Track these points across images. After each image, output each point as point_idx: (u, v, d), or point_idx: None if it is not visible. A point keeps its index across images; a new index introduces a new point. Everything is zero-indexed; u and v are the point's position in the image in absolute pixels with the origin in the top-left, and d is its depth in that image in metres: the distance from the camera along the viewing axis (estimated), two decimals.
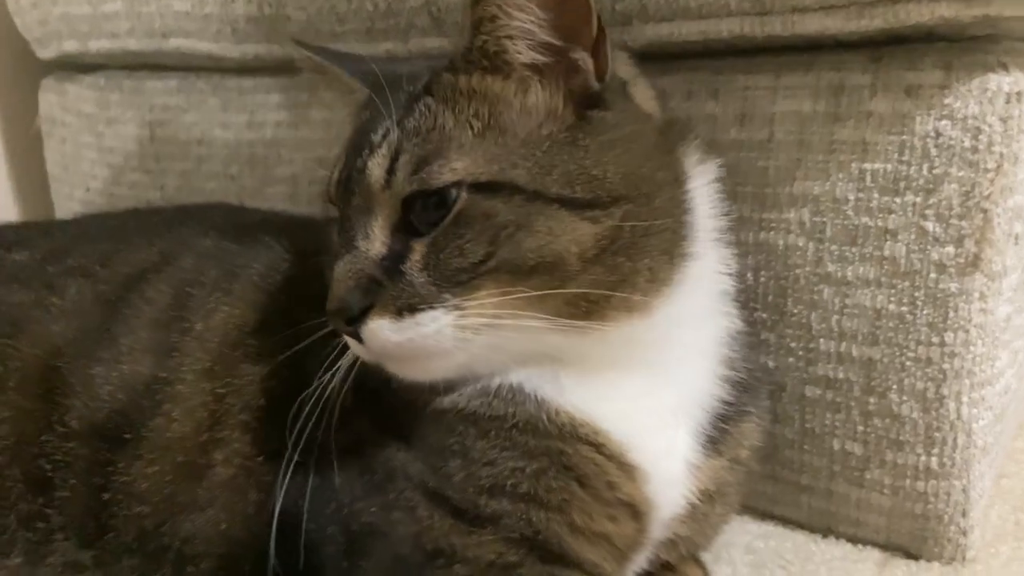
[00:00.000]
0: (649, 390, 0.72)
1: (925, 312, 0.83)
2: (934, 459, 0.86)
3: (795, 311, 0.90)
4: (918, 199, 0.82)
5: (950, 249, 0.81)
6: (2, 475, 0.79)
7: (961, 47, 0.80)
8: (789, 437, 0.93)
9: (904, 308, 0.84)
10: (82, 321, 0.86)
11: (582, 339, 0.67)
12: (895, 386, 0.86)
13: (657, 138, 0.72)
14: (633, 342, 0.70)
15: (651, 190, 0.68)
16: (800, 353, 0.90)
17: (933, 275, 0.82)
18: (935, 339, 0.83)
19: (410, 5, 1.01)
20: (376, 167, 0.66)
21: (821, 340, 0.89)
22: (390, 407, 0.73)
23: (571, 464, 0.69)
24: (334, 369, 0.71)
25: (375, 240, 0.66)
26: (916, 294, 0.83)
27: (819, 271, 0.88)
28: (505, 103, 0.67)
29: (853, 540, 0.94)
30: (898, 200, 0.83)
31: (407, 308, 0.64)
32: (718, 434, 0.76)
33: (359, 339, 0.65)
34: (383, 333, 0.64)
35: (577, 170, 0.65)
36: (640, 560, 0.77)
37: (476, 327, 0.65)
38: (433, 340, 0.65)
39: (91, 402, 0.81)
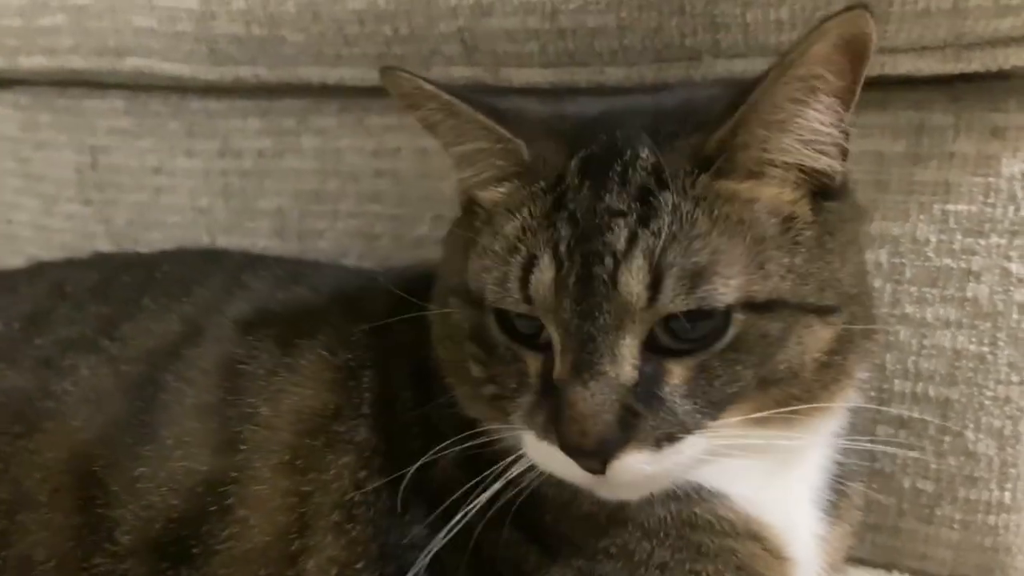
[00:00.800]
0: (796, 475, 0.69)
1: (1006, 352, 0.83)
2: (1007, 494, 0.87)
3: None
4: (1003, 241, 0.82)
5: None
6: None
7: None
8: None
9: (985, 348, 0.84)
10: (107, 411, 0.74)
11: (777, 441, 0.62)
12: (971, 424, 0.86)
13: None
14: (812, 438, 0.66)
15: (865, 283, 0.65)
16: (872, 394, 0.89)
17: (1016, 316, 0.82)
18: (1015, 378, 0.84)
19: (439, 31, 0.92)
20: (634, 282, 0.55)
21: (896, 381, 0.88)
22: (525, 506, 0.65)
23: (742, 564, 0.64)
24: (476, 496, 0.62)
25: (624, 362, 0.56)
26: (998, 335, 0.83)
27: (896, 312, 0.86)
28: (757, 204, 0.59)
29: (917, 574, 0.94)
30: (982, 242, 0.82)
31: (667, 438, 0.56)
32: (836, 498, 0.73)
33: (599, 472, 0.56)
34: (637, 467, 0.56)
35: (828, 276, 0.60)
36: None
37: (723, 448, 0.58)
38: (684, 467, 0.58)
39: (142, 512, 0.70)
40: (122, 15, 1.05)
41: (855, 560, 0.96)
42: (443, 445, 0.63)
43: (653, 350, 0.57)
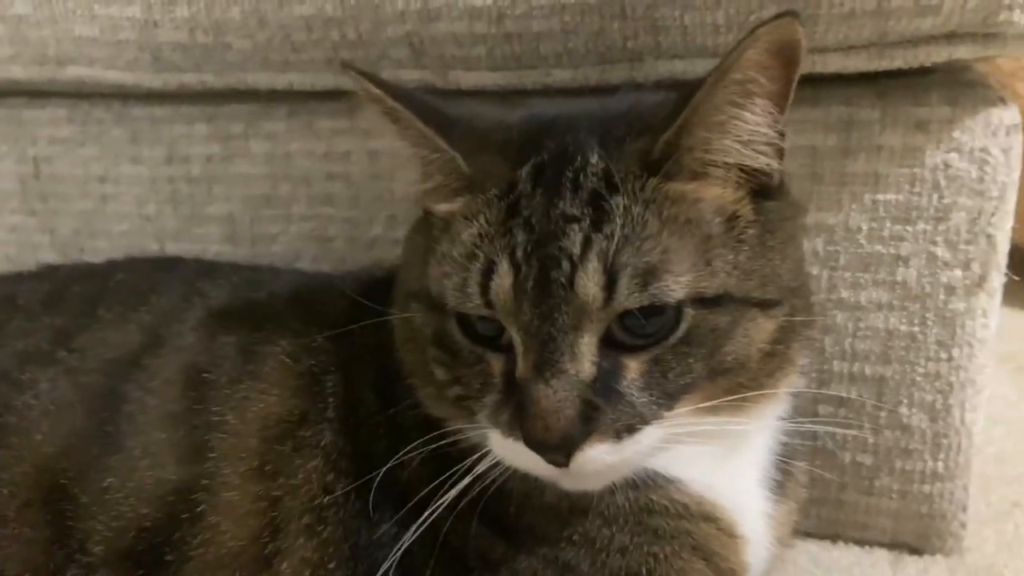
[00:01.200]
0: (745, 458, 0.73)
1: (935, 331, 0.89)
2: (940, 463, 0.93)
3: None
4: (929, 227, 0.87)
5: (958, 272, 0.87)
6: None
7: (963, 82, 0.85)
8: None
9: (915, 328, 0.89)
10: (70, 423, 0.75)
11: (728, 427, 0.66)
12: (905, 400, 0.92)
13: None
14: (759, 423, 0.70)
15: (803, 276, 0.68)
16: (813, 375, 0.93)
17: (943, 297, 0.88)
18: (943, 355, 0.89)
19: (387, 35, 0.93)
20: (590, 284, 0.58)
21: (835, 362, 0.93)
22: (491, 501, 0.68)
23: (697, 544, 0.68)
24: (442, 494, 0.64)
25: (583, 360, 0.59)
26: (927, 315, 0.89)
27: (833, 297, 0.91)
28: (703, 204, 0.62)
29: (859, 543, 0.99)
30: (910, 228, 0.87)
31: (626, 430, 0.59)
32: (782, 477, 0.77)
33: (563, 465, 0.59)
34: (599, 458, 0.59)
35: (770, 272, 0.63)
36: None
37: (678, 436, 0.62)
38: (642, 456, 0.62)
39: (112, 522, 0.71)
40: (63, 24, 1.04)
41: (802, 533, 1.01)
42: (411, 447, 0.65)
43: (610, 347, 0.60)
